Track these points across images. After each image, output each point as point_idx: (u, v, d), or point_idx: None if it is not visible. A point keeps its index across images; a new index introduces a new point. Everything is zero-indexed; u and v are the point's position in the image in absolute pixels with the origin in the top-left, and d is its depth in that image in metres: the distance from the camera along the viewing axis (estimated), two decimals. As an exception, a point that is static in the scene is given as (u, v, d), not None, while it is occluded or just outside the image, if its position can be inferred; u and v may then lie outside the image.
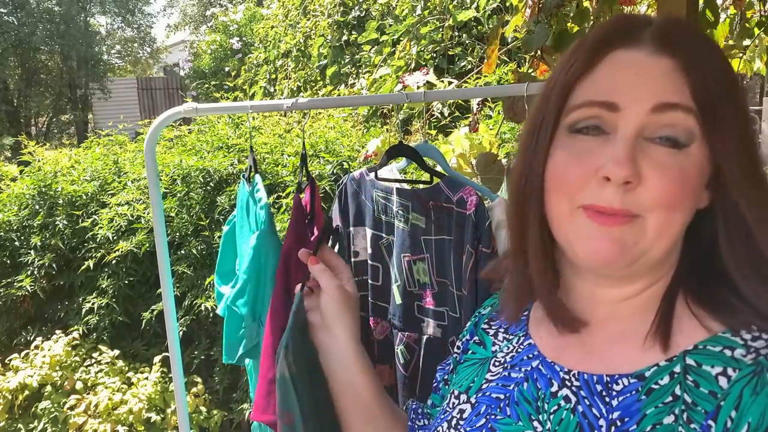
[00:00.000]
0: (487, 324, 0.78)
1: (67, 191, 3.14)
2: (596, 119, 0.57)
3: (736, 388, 0.53)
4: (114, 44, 18.50)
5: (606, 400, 0.59)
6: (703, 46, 0.57)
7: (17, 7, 14.38)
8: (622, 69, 0.56)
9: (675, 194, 0.55)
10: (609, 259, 0.57)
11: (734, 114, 0.55)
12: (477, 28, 4.69)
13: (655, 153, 0.55)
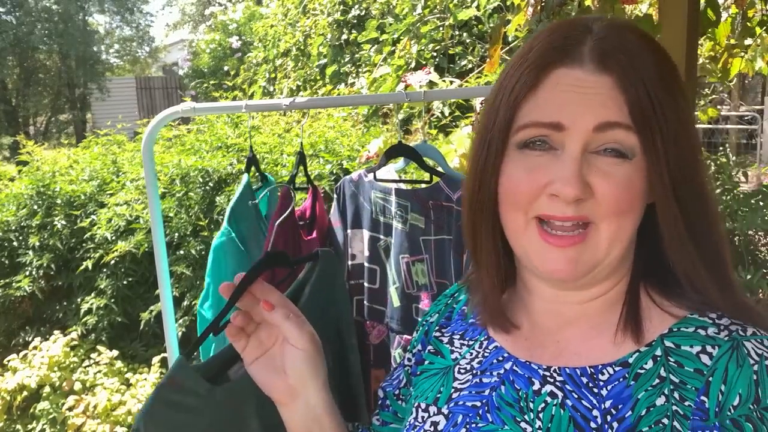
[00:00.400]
0: (439, 332, 0.77)
1: (66, 191, 3.12)
2: (544, 137, 0.59)
3: (721, 363, 0.57)
4: (112, 43, 18.49)
5: (595, 391, 0.61)
6: (640, 57, 0.59)
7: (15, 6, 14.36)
8: (564, 89, 0.59)
9: (624, 201, 0.58)
10: (565, 277, 0.60)
11: (669, 125, 0.58)
12: (477, 27, 4.68)
13: (602, 164, 0.58)
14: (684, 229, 0.59)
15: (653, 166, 0.58)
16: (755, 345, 0.58)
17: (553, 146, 0.59)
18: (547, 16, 1.73)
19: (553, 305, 0.67)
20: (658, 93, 0.58)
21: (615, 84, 0.58)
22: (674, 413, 0.57)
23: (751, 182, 4.14)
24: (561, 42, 0.60)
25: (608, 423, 0.59)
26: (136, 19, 18.01)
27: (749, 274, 2.01)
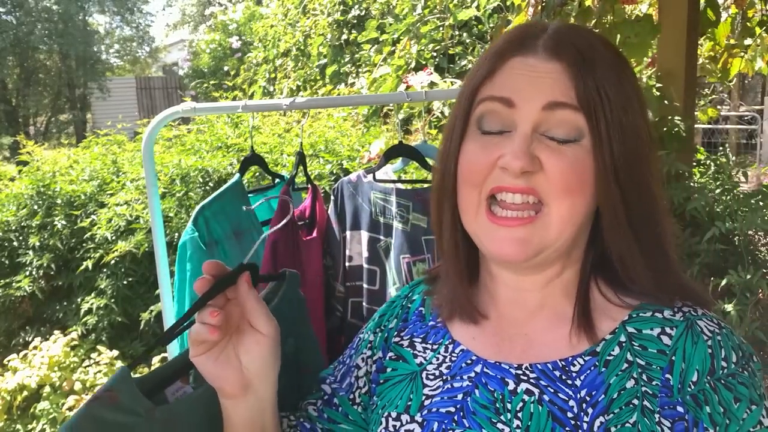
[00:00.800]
0: (398, 336, 0.76)
1: (66, 191, 3.12)
2: (496, 114, 0.62)
3: (680, 343, 0.62)
4: (113, 43, 18.48)
5: (569, 383, 0.63)
6: (591, 53, 0.62)
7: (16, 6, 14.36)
8: (518, 72, 0.62)
9: (573, 180, 0.60)
10: (514, 258, 0.62)
11: (614, 113, 0.60)
12: (477, 27, 4.68)
13: (552, 144, 0.61)
14: (623, 215, 0.61)
15: (596, 148, 0.60)
16: (707, 323, 0.63)
17: (507, 129, 0.62)
18: (548, 16, 1.74)
19: (516, 293, 0.69)
20: (605, 83, 0.61)
21: (565, 69, 0.61)
22: (644, 393, 0.61)
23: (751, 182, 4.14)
24: (519, 36, 0.65)
25: (584, 410, 0.61)
26: (136, 19, 18.01)
27: (749, 274, 2.01)
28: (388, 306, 0.80)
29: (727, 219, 2.12)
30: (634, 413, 0.60)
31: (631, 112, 0.62)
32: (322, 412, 0.76)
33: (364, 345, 0.78)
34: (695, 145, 2.84)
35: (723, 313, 2.02)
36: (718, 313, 2.03)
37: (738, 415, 0.59)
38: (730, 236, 2.16)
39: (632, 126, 0.62)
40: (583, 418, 0.61)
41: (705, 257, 2.12)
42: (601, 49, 0.63)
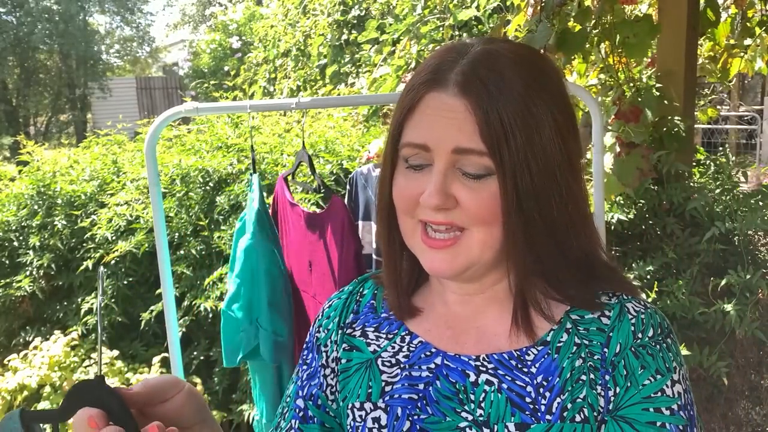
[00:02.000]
0: (350, 328, 0.79)
1: (66, 191, 3.12)
2: (418, 157, 0.68)
3: (616, 322, 0.69)
4: (113, 43, 18.48)
5: (525, 371, 0.69)
6: (498, 84, 0.65)
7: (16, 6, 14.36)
8: (431, 112, 0.67)
9: (486, 213, 0.66)
10: (445, 274, 0.69)
11: (518, 147, 0.64)
12: (477, 27, 4.68)
13: (465, 181, 0.66)
14: (522, 240, 0.66)
15: (501, 183, 0.65)
16: (635, 305, 0.71)
17: (428, 163, 0.68)
18: (547, 16, 1.74)
19: (463, 297, 0.75)
20: (511, 115, 0.64)
21: (469, 107, 0.64)
22: (589, 368, 0.68)
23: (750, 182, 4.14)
24: (435, 67, 0.68)
25: (541, 394, 0.67)
26: (136, 19, 18.01)
27: (749, 274, 2.01)
28: (340, 302, 0.83)
29: (727, 219, 2.12)
30: (583, 388, 0.67)
31: (540, 138, 0.65)
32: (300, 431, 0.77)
33: (323, 342, 0.80)
34: (695, 145, 2.84)
35: (723, 313, 2.02)
36: (715, 313, 2.03)
37: (639, 380, 0.66)
38: (729, 236, 2.16)
39: (541, 150, 0.65)
40: (541, 401, 0.67)
41: (705, 257, 2.12)
42: (510, 76, 0.65)
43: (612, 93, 2.23)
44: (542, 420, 0.66)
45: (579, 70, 2.55)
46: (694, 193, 2.19)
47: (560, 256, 0.69)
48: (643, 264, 2.13)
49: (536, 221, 0.66)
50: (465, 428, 0.68)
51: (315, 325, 0.83)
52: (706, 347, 2.05)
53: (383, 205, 0.74)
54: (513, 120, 0.64)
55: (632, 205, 2.28)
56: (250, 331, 1.45)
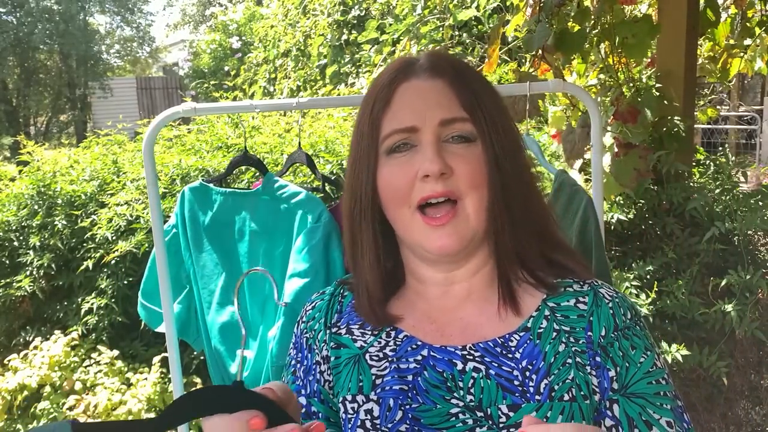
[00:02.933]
0: (335, 327, 0.82)
1: (66, 191, 3.12)
2: (404, 140, 0.74)
3: (593, 307, 0.75)
4: (113, 43, 18.49)
5: (510, 356, 0.73)
6: (461, 68, 0.77)
7: (16, 6, 14.37)
8: (409, 97, 0.75)
9: (478, 176, 0.72)
10: (452, 249, 0.73)
11: (491, 114, 0.74)
12: (477, 27, 4.68)
13: (455, 149, 0.73)
14: (500, 196, 0.73)
15: (484, 145, 0.73)
16: (607, 290, 0.77)
17: (413, 144, 0.74)
18: (546, 16, 1.74)
19: (446, 288, 0.79)
20: (480, 92, 0.75)
21: (446, 84, 0.74)
22: (574, 353, 0.73)
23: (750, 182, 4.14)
24: (401, 66, 0.77)
25: (528, 377, 0.72)
26: (136, 19, 18.01)
27: (749, 274, 2.01)
28: (323, 303, 0.85)
29: (727, 219, 2.12)
30: (570, 370, 0.72)
31: (503, 114, 0.76)
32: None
33: (312, 342, 0.82)
34: (695, 145, 2.84)
35: (723, 313, 2.02)
36: (715, 313, 2.03)
37: (635, 359, 0.72)
38: (729, 236, 2.16)
39: (505, 125, 0.76)
40: (529, 383, 0.71)
41: (705, 257, 2.12)
42: (468, 67, 0.78)
43: (611, 93, 2.23)
44: (532, 400, 0.71)
45: (578, 70, 2.55)
46: (694, 193, 2.19)
47: (529, 223, 0.76)
48: (643, 264, 2.13)
49: (511, 183, 0.73)
50: (457, 414, 0.71)
51: (300, 326, 0.85)
52: (706, 347, 2.05)
53: (361, 208, 0.77)
54: (481, 91, 0.75)
55: (632, 205, 2.28)
56: None
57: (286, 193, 1.49)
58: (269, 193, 1.51)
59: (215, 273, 1.59)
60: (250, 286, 1.56)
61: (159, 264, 1.56)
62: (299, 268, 1.41)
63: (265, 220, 1.53)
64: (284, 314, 1.42)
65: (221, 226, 1.57)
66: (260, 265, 1.54)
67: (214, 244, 1.58)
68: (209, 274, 1.60)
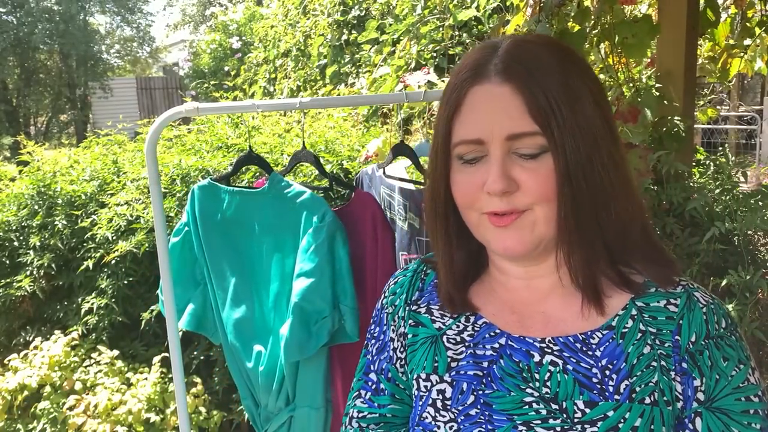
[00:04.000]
0: (416, 305, 0.83)
1: (66, 191, 3.13)
2: (473, 151, 0.71)
3: (685, 310, 0.72)
4: (113, 43, 18.48)
5: (590, 354, 0.72)
6: (538, 63, 0.70)
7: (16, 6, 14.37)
8: (478, 105, 0.71)
9: (547, 191, 0.69)
10: (517, 252, 0.72)
11: (566, 121, 0.68)
12: (477, 27, 4.68)
13: (523, 163, 0.70)
14: (571, 212, 0.69)
15: (555, 159, 0.69)
16: (702, 295, 0.74)
17: (483, 154, 0.71)
18: (546, 16, 1.74)
19: (527, 281, 0.78)
20: (554, 93, 0.68)
21: (515, 91, 0.69)
22: (659, 355, 0.70)
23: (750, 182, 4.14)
24: (473, 63, 0.72)
25: (608, 376, 0.70)
26: (136, 19, 18.00)
27: (749, 274, 2.01)
28: (405, 279, 0.87)
29: (727, 219, 2.12)
30: (654, 373, 0.69)
31: (581, 107, 0.69)
32: (372, 402, 0.83)
33: (391, 318, 0.85)
34: (695, 145, 2.84)
35: (722, 312, 2.02)
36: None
37: (726, 371, 0.69)
38: (729, 236, 2.16)
39: (584, 120, 0.69)
40: (608, 382, 0.70)
41: (704, 257, 2.12)
42: (545, 57, 0.70)
43: (611, 93, 2.23)
44: (611, 399, 0.69)
45: (579, 70, 2.54)
46: (694, 193, 2.19)
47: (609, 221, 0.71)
48: (643, 264, 2.12)
49: (583, 190, 0.69)
50: (531, 403, 0.71)
51: (382, 300, 0.88)
52: (706, 347, 2.05)
53: (436, 206, 0.77)
54: (556, 95, 0.68)
55: (632, 205, 2.28)
56: (334, 315, 1.45)
57: (291, 193, 1.50)
58: (275, 192, 1.52)
59: (227, 270, 1.61)
60: (263, 283, 1.57)
61: (161, 263, 1.56)
62: (305, 267, 1.43)
63: (271, 219, 1.54)
64: (292, 313, 1.43)
65: (231, 224, 1.59)
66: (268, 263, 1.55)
67: (225, 241, 1.60)
68: (222, 272, 1.62)
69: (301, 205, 1.47)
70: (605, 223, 0.71)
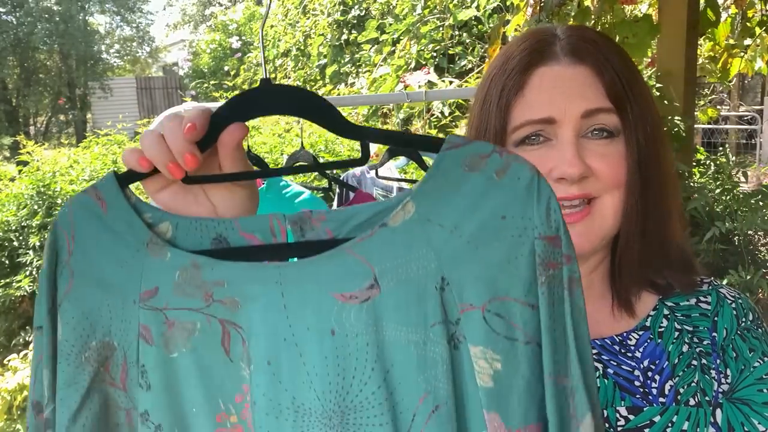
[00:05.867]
0: None
1: (66, 191, 3.12)
2: (539, 132, 0.66)
3: (718, 307, 0.70)
4: (113, 43, 18.48)
5: (629, 355, 0.68)
6: (606, 47, 0.68)
7: (16, 6, 14.37)
8: (549, 86, 0.66)
9: (620, 175, 0.66)
10: (582, 250, 0.66)
11: (637, 103, 0.66)
12: (477, 27, 4.67)
13: (595, 146, 0.65)
14: (638, 201, 0.66)
15: (629, 141, 0.66)
16: (728, 291, 0.73)
17: (548, 138, 0.66)
18: (546, 16, 1.74)
19: None
20: (626, 76, 0.66)
21: (591, 72, 0.66)
22: (698, 354, 0.68)
23: (750, 182, 4.14)
24: (535, 46, 0.68)
25: (650, 378, 0.67)
26: (136, 19, 18.01)
27: (749, 274, 2.01)
28: None
29: (727, 219, 2.12)
30: (695, 373, 0.67)
31: (647, 101, 0.68)
32: None
33: None
34: (695, 145, 2.84)
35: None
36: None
37: (751, 362, 0.66)
38: (730, 236, 2.16)
39: (655, 118, 0.68)
40: (651, 384, 0.66)
41: (705, 257, 2.12)
42: (610, 45, 0.69)
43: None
44: (655, 403, 0.65)
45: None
46: (694, 193, 2.19)
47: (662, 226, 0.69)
48: (643, 264, 2.12)
49: (652, 183, 0.66)
50: None
51: None
52: (706, 347, 2.05)
53: None
54: (629, 78, 0.66)
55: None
56: None
57: (290, 193, 1.50)
58: (274, 192, 1.52)
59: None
60: None
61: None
62: None
63: None
64: None
65: None
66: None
67: None
68: None
69: (299, 206, 1.47)
70: (665, 219, 0.68)
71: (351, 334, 0.44)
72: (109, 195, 0.48)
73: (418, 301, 0.43)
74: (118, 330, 0.48)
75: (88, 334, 0.48)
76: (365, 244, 0.44)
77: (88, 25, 16.45)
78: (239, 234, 0.48)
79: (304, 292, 0.45)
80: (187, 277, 0.46)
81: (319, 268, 0.45)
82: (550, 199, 0.43)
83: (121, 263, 0.48)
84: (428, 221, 0.44)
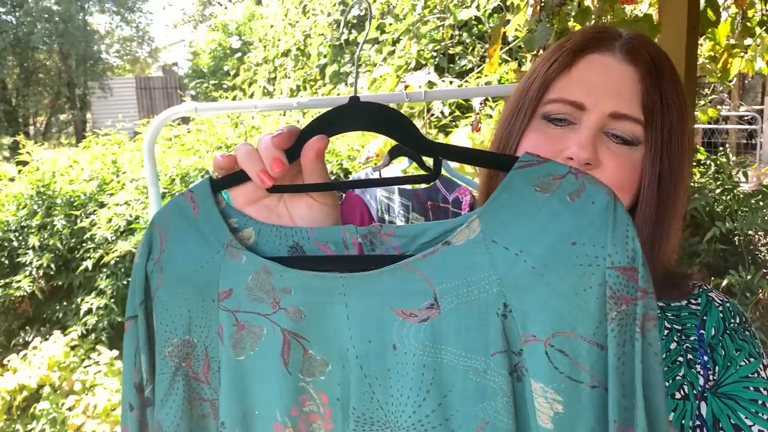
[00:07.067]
0: None
1: (66, 191, 3.12)
2: (565, 112, 0.68)
3: (706, 307, 0.73)
4: (112, 43, 18.48)
5: None
6: (660, 62, 0.68)
7: (16, 5, 14.37)
8: (594, 71, 0.68)
9: (624, 179, 0.67)
10: None
11: (670, 124, 0.66)
12: (477, 27, 4.67)
13: (611, 145, 0.67)
14: (652, 217, 0.67)
15: (649, 157, 0.66)
16: (716, 294, 0.75)
17: (572, 122, 0.68)
18: (547, 16, 1.73)
19: None
20: (668, 93, 0.66)
21: (637, 77, 0.66)
22: (686, 350, 0.71)
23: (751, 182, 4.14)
24: (597, 35, 0.70)
25: None
26: (136, 18, 18.00)
27: (749, 274, 2.01)
28: None
29: (727, 219, 2.12)
30: (681, 368, 0.70)
31: (682, 122, 0.68)
32: None
33: None
34: (695, 145, 2.84)
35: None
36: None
37: (737, 360, 0.69)
38: (730, 236, 2.16)
39: (685, 132, 0.68)
40: None
41: (705, 257, 2.12)
42: (666, 61, 0.69)
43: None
44: None
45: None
46: (695, 193, 2.19)
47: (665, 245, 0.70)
48: (644, 264, 2.12)
49: (669, 199, 0.67)
50: None
51: None
52: (707, 347, 2.05)
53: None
54: (670, 96, 0.66)
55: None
56: None
57: None
58: None
59: None
60: None
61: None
62: None
63: None
64: None
65: None
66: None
67: None
68: None
69: None
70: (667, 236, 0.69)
71: (410, 352, 0.43)
72: (201, 198, 0.51)
73: (479, 327, 0.42)
74: (198, 327, 0.50)
75: (171, 330, 0.51)
76: (427, 261, 0.44)
77: (87, 24, 16.45)
78: (314, 244, 0.49)
79: (366, 305, 0.45)
80: (258, 282, 0.48)
81: (381, 283, 0.44)
82: (628, 226, 0.40)
83: (203, 263, 0.50)
84: (493, 242, 0.42)
